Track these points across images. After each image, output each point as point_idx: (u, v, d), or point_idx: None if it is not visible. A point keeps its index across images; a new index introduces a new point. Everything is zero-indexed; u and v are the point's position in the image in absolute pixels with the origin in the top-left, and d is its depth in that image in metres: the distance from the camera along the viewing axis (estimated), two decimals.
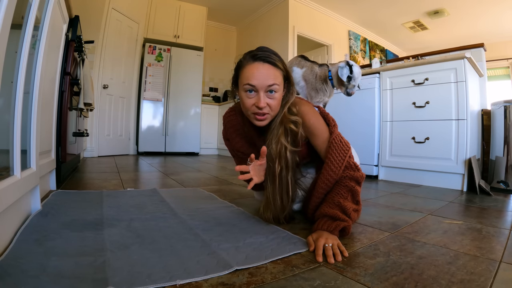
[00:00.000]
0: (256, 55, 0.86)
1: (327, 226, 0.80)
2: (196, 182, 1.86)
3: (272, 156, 0.89)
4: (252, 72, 0.84)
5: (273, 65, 0.85)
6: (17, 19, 0.72)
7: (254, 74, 0.83)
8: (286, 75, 0.90)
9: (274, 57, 0.87)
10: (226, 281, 0.56)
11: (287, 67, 0.91)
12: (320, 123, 0.93)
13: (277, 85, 0.84)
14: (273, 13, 4.43)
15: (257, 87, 0.84)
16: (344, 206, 0.82)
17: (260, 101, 0.84)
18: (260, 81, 0.83)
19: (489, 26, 4.71)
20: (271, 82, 0.83)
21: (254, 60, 0.85)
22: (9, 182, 0.70)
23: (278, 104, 0.88)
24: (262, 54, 0.86)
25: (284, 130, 0.89)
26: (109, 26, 3.46)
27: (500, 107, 1.87)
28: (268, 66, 0.85)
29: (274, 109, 0.87)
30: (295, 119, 0.90)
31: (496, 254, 0.73)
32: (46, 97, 1.16)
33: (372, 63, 2.60)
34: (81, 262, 0.61)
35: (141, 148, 4.02)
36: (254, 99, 0.85)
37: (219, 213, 1.08)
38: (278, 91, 0.86)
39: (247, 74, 0.84)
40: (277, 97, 0.86)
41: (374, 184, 2.01)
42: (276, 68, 0.85)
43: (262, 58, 0.85)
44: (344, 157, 0.87)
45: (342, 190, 0.86)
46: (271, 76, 0.84)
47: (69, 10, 1.60)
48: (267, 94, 0.85)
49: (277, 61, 0.86)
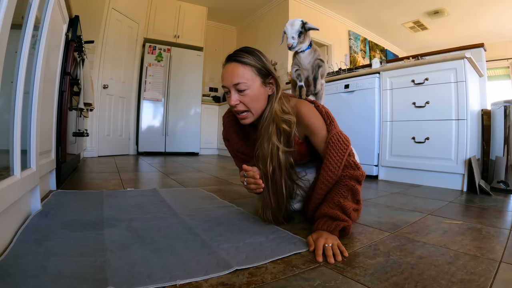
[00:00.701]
0: (228, 56, 0.89)
1: (327, 226, 0.80)
2: (196, 182, 1.86)
3: (264, 156, 0.88)
4: (223, 73, 0.88)
5: (240, 62, 0.86)
6: (17, 19, 0.72)
7: (224, 75, 0.88)
8: (264, 71, 0.88)
9: (243, 54, 0.87)
10: (226, 281, 0.56)
11: (264, 63, 0.89)
12: (319, 122, 0.92)
13: (244, 83, 0.85)
14: (273, 13, 4.43)
15: (227, 87, 0.87)
16: (344, 206, 0.82)
17: (230, 99, 0.87)
18: (227, 80, 0.86)
19: (489, 26, 4.71)
20: (236, 80, 0.85)
21: (226, 62, 0.89)
22: (9, 182, 0.70)
23: (253, 101, 0.87)
24: (232, 54, 0.88)
25: (276, 130, 0.89)
26: (109, 26, 3.46)
27: (500, 107, 1.87)
28: (234, 64, 0.86)
29: (251, 106, 0.87)
30: (288, 118, 0.89)
31: (496, 254, 0.73)
32: (46, 97, 1.16)
33: (372, 63, 2.60)
34: (81, 262, 0.61)
35: (141, 148, 4.02)
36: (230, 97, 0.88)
37: (219, 213, 1.08)
38: (249, 88, 0.86)
39: (222, 76, 0.89)
40: (249, 93, 0.86)
41: (374, 184, 2.01)
42: (243, 65, 0.85)
43: (231, 58, 0.87)
44: (342, 156, 0.86)
45: (342, 189, 0.85)
46: (236, 74, 0.85)
47: (69, 10, 1.60)
48: (238, 92, 0.86)
49: (246, 58, 0.86)
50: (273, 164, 0.88)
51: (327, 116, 0.93)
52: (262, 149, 0.89)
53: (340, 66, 3.32)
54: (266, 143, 0.88)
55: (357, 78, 2.38)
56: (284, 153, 0.89)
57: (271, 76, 0.90)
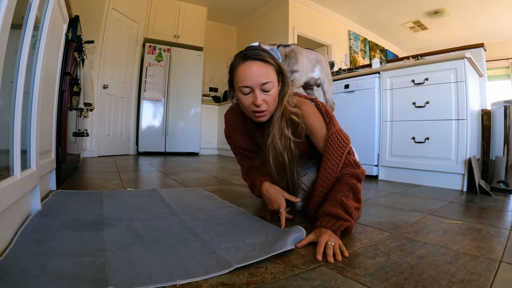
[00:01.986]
0: (246, 54, 0.86)
1: (331, 225, 0.80)
2: (196, 182, 1.86)
3: (279, 149, 0.91)
4: (245, 72, 0.84)
5: (264, 62, 0.85)
6: (17, 19, 0.72)
7: (247, 74, 0.84)
8: (279, 70, 0.90)
9: (264, 53, 0.87)
10: (226, 281, 0.56)
11: (278, 62, 0.91)
12: (319, 121, 0.93)
13: (270, 82, 0.85)
14: (273, 13, 4.43)
15: (251, 86, 0.84)
16: (347, 205, 0.82)
17: (257, 99, 0.84)
18: (253, 80, 0.83)
19: (489, 26, 4.71)
20: (264, 80, 0.84)
21: (244, 60, 0.85)
22: (9, 182, 0.70)
23: (274, 100, 0.88)
24: (251, 53, 0.86)
25: (286, 122, 0.90)
26: (109, 26, 3.46)
27: (500, 107, 1.87)
28: (259, 63, 0.85)
29: (271, 104, 0.88)
30: (296, 110, 0.91)
31: (496, 254, 0.73)
32: (46, 97, 1.16)
33: (372, 63, 2.60)
34: (81, 262, 0.61)
35: (141, 148, 4.02)
36: (251, 98, 0.86)
37: (219, 213, 1.08)
38: (273, 87, 0.86)
39: (241, 75, 0.85)
40: (272, 93, 0.87)
41: (374, 184, 2.01)
42: (267, 64, 0.86)
43: (252, 57, 0.85)
44: (341, 153, 0.87)
45: (343, 188, 0.86)
46: (263, 74, 0.84)
47: (69, 10, 1.60)
48: (262, 91, 0.85)
49: (267, 57, 0.86)
50: (288, 156, 0.92)
51: (326, 114, 0.93)
52: (276, 145, 0.91)
53: (340, 66, 3.32)
54: (279, 139, 0.90)
55: (357, 78, 2.38)
56: (295, 144, 0.92)
57: (281, 75, 0.91)
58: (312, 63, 1.30)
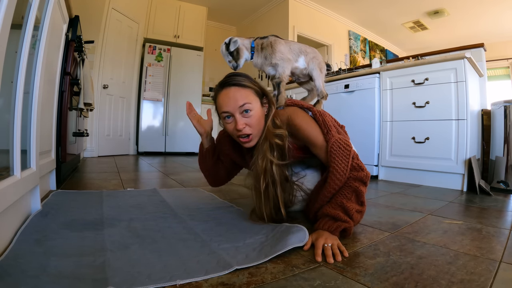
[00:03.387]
0: (223, 82, 0.89)
1: (328, 226, 0.80)
2: (196, 182, 1.86)
3: (258, 172, 0.89)
4: (223, 98, 0.87)
5: (240, 86, 0.87)
6: (17, 19, 0.72)
7: (225, 100, 0.87)
8: (260, 91, 0.91)
9: (240, 78, 0.89)
10: (226, 281, 0.56)
11: (258, 84, 0.92)
12: (316, 132, 0.91)
13: (249, 104, 0.86)
14: (273, 13, 4.43)
15: (231, 111, 0.86)
16: (347, 207, 0.81)
17: (237, 123, 0.86)
18: (231, 104, 0.86)
19: (489, 26, 4.71)
20: (241, 102, 0.85)
21: (223, 88, 0.88)
22: (9, 182, 0.70)
23: (258, 122, 0.88)
24: (228, 79, 0.89)
25: (269, 145, 0.89)
26: (109, 26, 3.45)
27: (500, 107, 1.87)
28: (235, 88, 0.87)
29: (255, 127, 0.88)
30: (279, 132, 0.90)
31: (496, 254, 0.73)
32: (46, 97, 1.16)
33: (372, 63, 2.60)
34: (81, 262, 0.61)
35: (141, 148, 4.02)
36: (233, 123, 0.87)
37: (219, 213, 1.08)
38: (253, 109, 0.87)
39: (220, 102, 0.88)
40: (254, 115, 0.87)
41: (374, 184, 2.01)
42: (244, 88, 0.87)
43: (229, 83, 0.88)
44: (347, 162, 0.85)
45: (346, 190, 0.85)
46: (241, 97, 0.86)
47: (69, 10, 1.60)
48: (243, 115, 0.86)
49: (244, 81, 0.88)
50: (266, 181, 0.89)
51: (324, 125, 0.92)
52: (256, 166, 0.90)
53: (340, 66, 3.32)
54: (260, 160, 0.89)
55: (357, 78, 2.38)
56: (279, 166, 0.90)
57: (265, 95, 0.92)
58: (294, 53, 1.25)
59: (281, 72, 1.17)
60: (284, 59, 1.18)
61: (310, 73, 1.27)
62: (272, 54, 1.16)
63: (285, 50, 1.20)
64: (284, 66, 1.18)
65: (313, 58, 1.27)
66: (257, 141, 0.91)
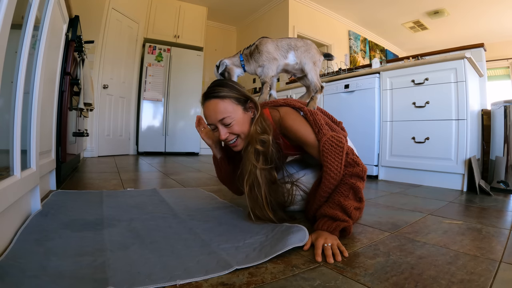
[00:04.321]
0: (205, 94, 0.93)
1: (327, 227, 0.80)
2: (196, 182, 1.86)
3: (242, 174, 0.94)
4: (205, 112, 0.93)
5: (218, 98, 0.90)
6: (17, 19, 0.72)
7: (206, 114, 0.92)
8: (243, 98, 0.94)
9: (218, 89, 0.91)
10: (226, 281, 0.56)
11: (241, 91, 0.94)
12: (307, 132, 0.93)
13: (228, 116, 0.90)
14: (273, 13, 4.43)
15: (213, 123, 0.92)
16: (345, 205, 0.81)
17: (220, 134, 0.91)
18: (212, 118, 0.91)
19: (489, 26, 4.71)
20: (220, 116, 0.90)
21: (204, 100, 0.93)
22: (9, 182, 0.70)
23: (241, 128, 0.92)
24: (209, 90, 0.93)
25: (254, 149, 0.91)
26: (109, 26, 3.45)
27: (500, 107, 1.87)
28: (214, 101, 0.90)
29: (240, 132, 0.92)
30: (263, 138, 0.91)
31: (496, 254, 0.73)
32: (46, 97, 1.16)
33: (372, 63, 2.60)
34: (81, 262, 0.61)
35: (141, 148, 4.02)
36: (218, 132, 0.93)
37: (219, 213, 1.08)
38: (234, 119, 0.90)
39: (205, 114, 0.94)
40: (235, 124, 0.91)
41: (374, 184, 2.01)
42: (222, 99, 0.90)
43: (208, 96, 0.92)
44: (340, 159, 0.85)
45: (343, 188, 0.85)
46: (219, 111, 0.89)
47: (69, 10, 1.60)
48: (225, 126, 0.91)
49: (223, 92, 0.91)
50: (249, 183, 0.91)
51: (314, 124, 0.92)
52: (242, 168, 0.95)
53: (340, 66, 3.32)
54: (246, 163, 0.92)
55: (357, 78, 2.38)
56: (263, 170, 0.91)
57: (249, 100, 0.95)
58: (283, 49, 1.24)
59: (265, 73, 1.19)
60: (270, 59, 1.19)
61: (303, 68, 1.25)
62: (259, 56, 1.20)
63: (272, 49, 1.21)
64: (268, 67, 1.19)
65: (305, 51, 1.24)
66: (245, 144, 0.94)
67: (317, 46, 1.32)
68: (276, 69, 1.22)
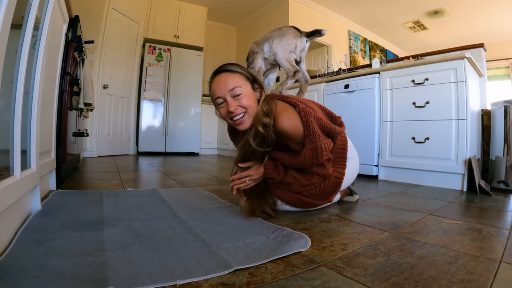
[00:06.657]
0: (215, 70, 0.97)
1: (267, 166, 0.99)
2: (196, 182, 1.86)
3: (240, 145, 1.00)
4: (214, 85, 0.95)
5: (229, 71, 0.94)
6: (17, 19, 0.72)
7: (216, 86, 0.94)
8: (251, 77, 0.97)
9: (230, 65, 0.96)
10: (226, 281, 0.56)
11: (248, 71, 0.99)
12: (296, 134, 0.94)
13: (238, 87, 0.91)
14: (273, 13, 4.43)
15: (222, 96, 0.93)
16: (295, 177, 1.00)
17: (229, 106, 0.91)
18: (222, 89, 0.92)
19: (489, 26, 4.71)
20: (231, 86, 0.91)
21: (214, 76, 0.96)
22: (9, 182, 0.70)
23: (250, 102, 0.93)
24: (219, 67, 0.97)
25: (254, 130, 0.94)
26: (109, 26, 3.45)
27: (500, 107, 1.87)
28: (225, 74, 0.94)
29: (249, 106, 0.93)
30: (266, 121, 0.93)
31: (496, 254, 0.73)
32: (46, 97, 1.16)
33: (372, 63, 2.60)
34: (81, 262, 0.61)
35: (141, 148, 4.02)
36: (226, 107, 0.93)
37: (219, 213, 1.09)
38: (244, 91, 0.92)
39: (213, 89, 0.95)
40: (244, 96, 0.92)
41: (374, 184, 2.01)
42: (233, 73, 0.94)
43: (219, 71, 0.95)
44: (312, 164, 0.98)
45: (307, 174, 1.02)
46: (230, 81, 0.92)
47: (69, 10, 1.60)
48: (234, 98, 0.92)
49: (234, 67, 0.95)
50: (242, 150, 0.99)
51: (306, 126, 0.92)
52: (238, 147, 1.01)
53: (340, 66, 3.32)
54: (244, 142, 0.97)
55: (357, 78, 2.38)
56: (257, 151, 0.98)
57: (255, 81, 0.98)
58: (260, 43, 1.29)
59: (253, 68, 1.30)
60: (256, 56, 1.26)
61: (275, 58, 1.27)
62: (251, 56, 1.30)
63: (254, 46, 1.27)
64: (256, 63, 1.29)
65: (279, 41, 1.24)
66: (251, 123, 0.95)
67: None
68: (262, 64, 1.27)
